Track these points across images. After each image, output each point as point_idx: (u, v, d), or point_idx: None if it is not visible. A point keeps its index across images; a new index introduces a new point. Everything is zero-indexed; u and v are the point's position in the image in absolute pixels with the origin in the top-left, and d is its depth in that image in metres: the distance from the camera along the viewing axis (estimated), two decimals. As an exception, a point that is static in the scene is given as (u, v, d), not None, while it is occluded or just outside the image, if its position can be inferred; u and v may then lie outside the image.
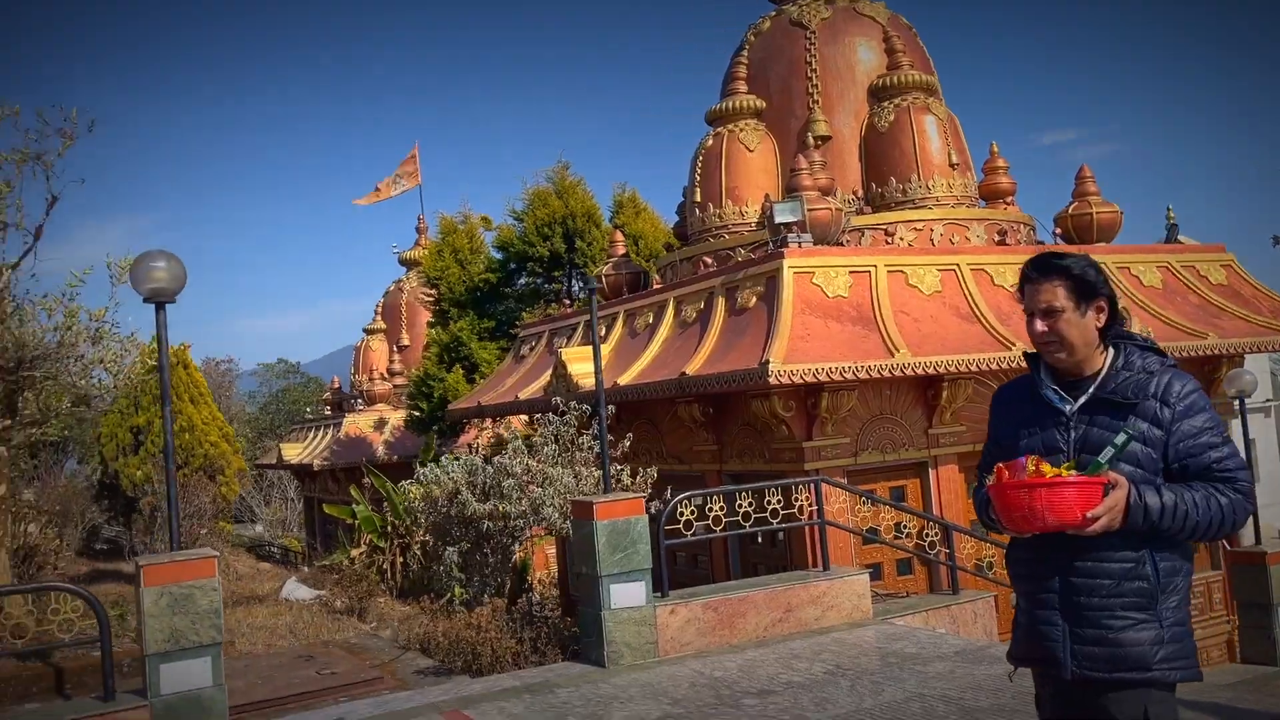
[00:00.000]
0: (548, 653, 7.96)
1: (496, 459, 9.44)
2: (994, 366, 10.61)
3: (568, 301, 18.14)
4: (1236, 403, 12.24)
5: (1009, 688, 6.30)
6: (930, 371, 10.24)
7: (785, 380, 9.41)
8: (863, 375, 9.82)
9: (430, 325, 24.34)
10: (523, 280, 23.18)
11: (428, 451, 21.78)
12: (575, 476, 9.23)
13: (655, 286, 14.02)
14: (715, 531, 8.33)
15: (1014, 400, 2.98)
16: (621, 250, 16.36)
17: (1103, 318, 2.84)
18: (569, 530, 9.67)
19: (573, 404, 10.42)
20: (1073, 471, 2.66)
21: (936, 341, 10.62)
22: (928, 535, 9.99)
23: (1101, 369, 2.84)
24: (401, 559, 15.72)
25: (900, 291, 11.07)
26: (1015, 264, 12.01)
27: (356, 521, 20.15)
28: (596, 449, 10.30)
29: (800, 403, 10.55)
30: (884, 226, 12.76)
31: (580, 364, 12.94)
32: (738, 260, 13.26)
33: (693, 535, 8.18)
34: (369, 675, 7.96)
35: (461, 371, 22.76)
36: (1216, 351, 12.48)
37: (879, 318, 10.55)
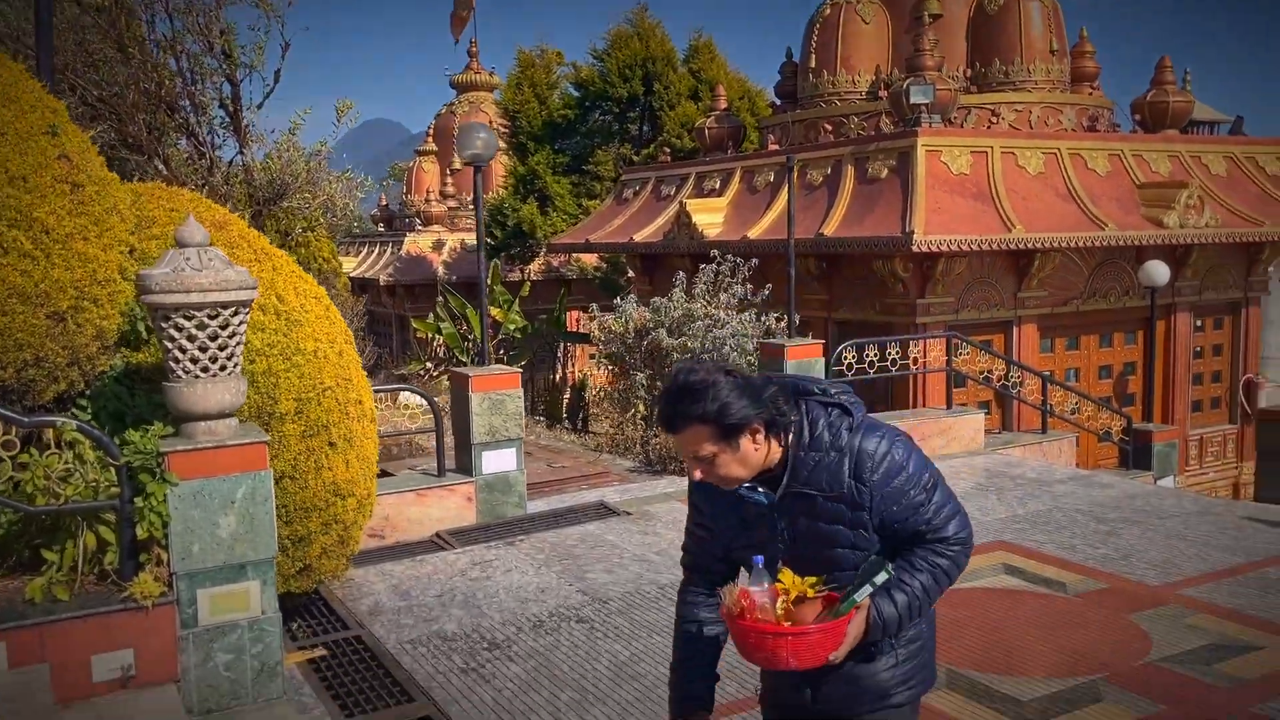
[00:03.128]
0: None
1: (687, 304, 11.10)
2: (1090, 244, 12.26)
3: (667, 150, 19.31)
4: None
5: (1126, 503, 8.29)
6: (1039, 246, 11.89)
7: (925, 249, 11.05)
8: (985, 247, 11.46)
9: (505, 154, 25.40)
10: (595, 117, 24.18)
11: (495, 276, 23.41)
12: (738, 320, 10.93)
13: (772, 147, 15.33)
14: (869, 374, 10.14)
15: (714, 487, 2.55)
16: (724, 104, 17.52)
17: (760, 435, 2.43)
18: (744, 366, 11.45)
19: (728, 256, 12.01)
20: (819, 590, 2.42)
21: (1041, 218, 12.21)
22: (1015, 382, 11.89)
23: (785, 457, 2.49)
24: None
25: (1011, 171, 12.57)
26: (1105, 150, 13.53)
27: (438, 336, 22.06)
28: (739, 295, 11.97)
29: (918, 265, 12.20)
30: (990, 107, 14.10)
31: (705, 215, 14.46)
32: (851, 127, 14.61)
33: (853, 376, 9.97)
34: (593, 470, 9.85)
35: (535, 204, 24.10)
36: (1271, 238, 14.12)
37: (995, 195, 12.10)
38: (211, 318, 4.40)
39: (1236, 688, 4.82)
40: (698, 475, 2.48)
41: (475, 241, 29.31)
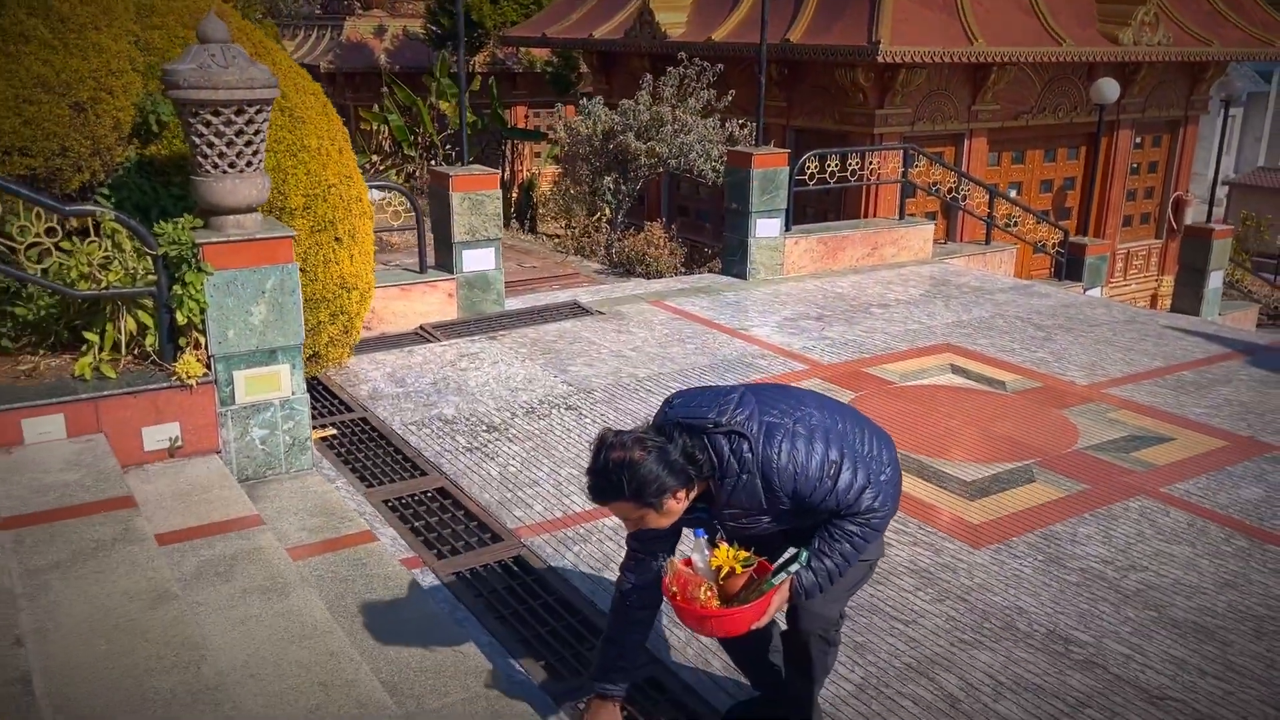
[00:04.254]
0: (692, 268, 10.30)
1: (655, 108, 11.15)
2: (1048, 60, 12.51)
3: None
4: (1220, 103, 14.50)
5: (1061, 311, 8.97)
6: (999, 60, 12.10)
7: (892, 60, 11.21)
8: (949, 60, 11.65)
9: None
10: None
11: (443, 68, 22.83)
12: (703, 125, 11.07)
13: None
14: (830, 184, 10.50)
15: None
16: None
17: (680, 493, 2.68)
18: (709, 172, 11.69)
19: (695, 59, 11.99)
20: (749, 564, 2.74)
21: (1003, 31, 12.36)
22: (964, 193, 12.36)
23: (709, 490, 2.77)
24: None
25: (975, -19, 12.59)
26: (1071, -38, 13.52)
27: (384, 128, 21.70)
28: (704, 100, 12.06)
29: (879, 76, 12.37)
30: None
31: (667, 13, 14.26)
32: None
33: (814, 185, 10.32)
34: (563, 271, 10.21)
35: (486, -10, 23.23)
36: (1217, 58, 14.49)
37: (959, 5, 12.17)
38: (238, 115, 4.57)
39: (1149, 472, 5.57)
40: (632, 530, 2.83)
41: (418, 30, 28.22)
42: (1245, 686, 3.70)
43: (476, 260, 8.37)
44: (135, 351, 4.81)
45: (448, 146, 21.29)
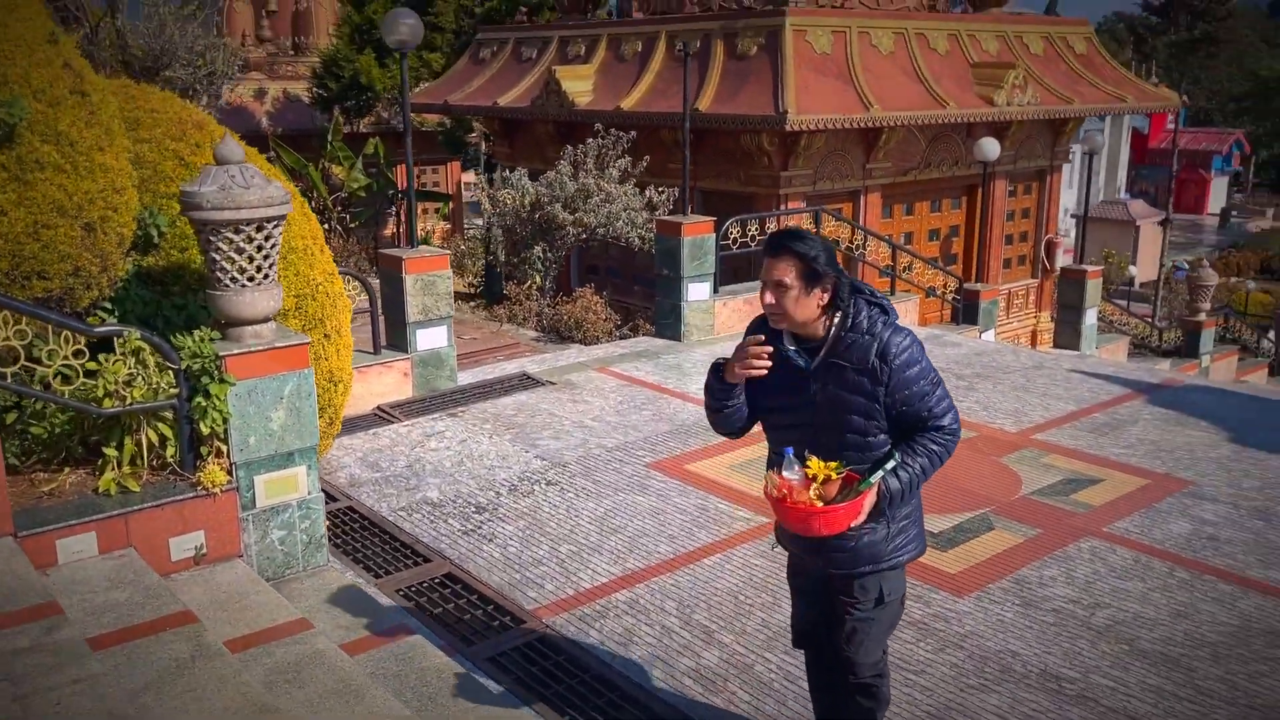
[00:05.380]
0: (627, 332, 10.69)
1: (583, 178, 11.54)
2: (934, 122, 13.48)
3: (524, 9, 19.06)
4: (1083, 157, 15.81)
5: (975, 360, 9.71)
6: (895, 124, 12.99)
7: (799, 128, 11.92)
8: (848, 126, 12.45)
9: (343, 3, 24.29)
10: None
11: (336, 131, 22.83)
12: (625, 194, 11.53)
13: (636, 15, 15.60)
14: (750, 246, 11.08)
15: (766, 343, 3.06)
16: (581, -35, 17.49)
17: (826, 297, 3.04)
18: (635, 239, 12.11)
19: (611, 130, 12.48)
20: (840, 472, 3.03)
21: (893, 96, 13.28)
22: (865, 247, 13.15)
23: (828, 334, 3.08)
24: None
25: (866, 51, 13.50)
26: (944, 30, 14.67)
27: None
28: (622, 168, 12.55)
29: (783, 140, 13.10)
30: (843, -17, 14.86)
31: (574, 82, 14.75)
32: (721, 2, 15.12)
33: (737, 249, 10.88)
34: (504, 342, 10.43)
35: (373, 54, 23.33)
36: (1078, 114, 15.82)
37: (854, 74, 13.04)
38: (258, 231, 4.76)
39: (1090, 513, 6.20)
40: (768, 298, 3.05)
41: (300, 92, 27.96)
42: (1215, 708, 4.25)
43: (430, 338, 8.58)
44: (154, 462, 4.90)
45: (339, 209, 21.27)
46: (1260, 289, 31.30)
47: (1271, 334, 22.88)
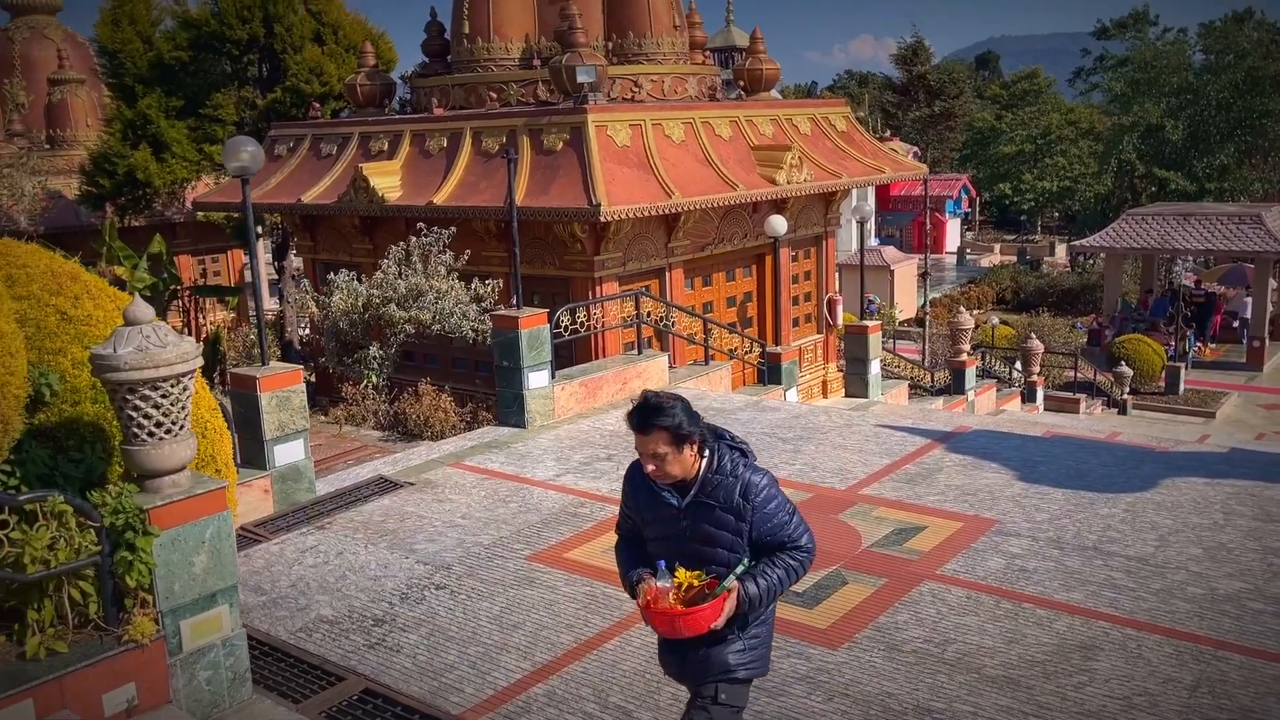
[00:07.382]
0: (472, 423, 11.05)
1: (413, 278, 11.80)
2: (728, 204, 14.70)
3: (317, 106, 19.07)
4: (856, 224, 17.54)
5: (794, 423, 10.72)
6: (695, 209, 14.07)
7: (612, 218, 12.74)
8: (655, 214, 13.41)
9: (108, 97, 23.37)
10: (211, 58, 22.95)
11: (112, 229, 21.93)
12: (455, 289, 11.93)
13: (437, 111, 16.09)
14: (581, 333, 11.75)
15: (641, 486, 3.68)
16: (372, 60, 17.82)
17: (694, 448, 3.53)
18: (469, 332, 12.46)
19: (435, 228, 12.88)
20: (703, 579, 3.54)
21: (688, 181, 14.38)
22: (673, 320, 14.12)
23: (698, 476, 3.58)
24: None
25: (661, 141, 14.58)
26: (727, 117, 16.01)
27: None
28: (446, 264, 12.97)
29: (594, 228, 13.90)
30: (632, 78, 15.98)
31: (381, 178, 15.05)
32: (511, 94, 15.87)
33: (569, 335, 11.51)
34: (349, 446, 10.51)
35: (149, 150, 22.58)
36: (846, 186, 17.57)
37: (652, 163, 14.05)
38: (174, 386, 4.96)
39: (922, 559, 7.17)
40: (650, 468, 3.54)
41: (59, 187, 26.62)
42: (1054, 718, 5.18)
43: (288, 453, 8.69)
44: (76, 620, 4.94)
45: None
46: (1002, 320, 35.01)
47: (1018, 364, 25.75)
